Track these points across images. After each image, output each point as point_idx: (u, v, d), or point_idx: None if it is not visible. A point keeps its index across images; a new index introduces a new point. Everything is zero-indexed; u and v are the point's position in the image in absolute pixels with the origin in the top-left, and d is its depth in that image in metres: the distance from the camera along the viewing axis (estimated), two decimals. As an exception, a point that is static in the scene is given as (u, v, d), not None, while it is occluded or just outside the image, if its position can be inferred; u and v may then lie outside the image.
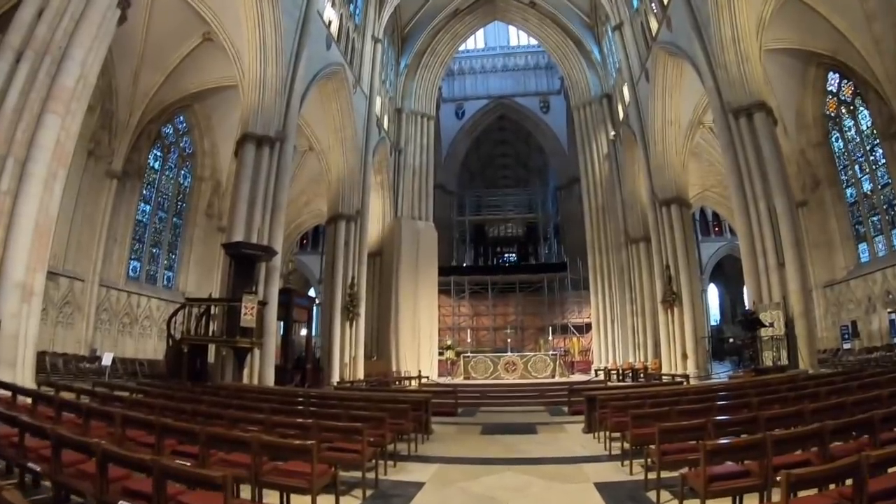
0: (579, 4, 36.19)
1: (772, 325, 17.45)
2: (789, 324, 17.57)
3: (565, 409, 15.81)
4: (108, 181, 24.59)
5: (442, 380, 26.62)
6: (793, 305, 17.73)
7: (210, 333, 17.56)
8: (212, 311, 17.91)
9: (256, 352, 18.31)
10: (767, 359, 17.40)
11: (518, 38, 51.75)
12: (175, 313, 18.12)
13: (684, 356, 24.98)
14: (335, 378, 24.98)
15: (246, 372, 18.07)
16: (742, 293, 48.95)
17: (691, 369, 24.19)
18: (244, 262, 18.15)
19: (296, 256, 44.63)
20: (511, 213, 49.81)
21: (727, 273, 47.70)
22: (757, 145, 19.11)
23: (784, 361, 17.13)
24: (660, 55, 26.01)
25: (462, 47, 49.12)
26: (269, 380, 18.74)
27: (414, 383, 24.43)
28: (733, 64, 20.07)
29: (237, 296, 17.09)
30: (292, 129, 21.33)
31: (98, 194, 24.20)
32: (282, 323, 21.94)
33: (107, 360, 19.96)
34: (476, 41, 51.90)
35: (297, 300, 23.06)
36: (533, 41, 48.75)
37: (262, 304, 18.07)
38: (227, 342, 17.07)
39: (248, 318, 16.88)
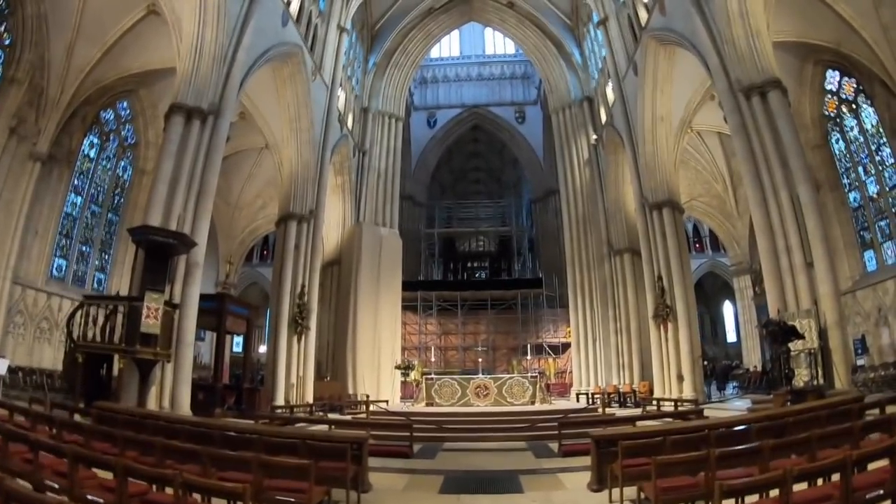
0: (559, 5, 32.67)
1: (803, 336, 13.60)
2: (822, 335, 13.84)
3: (553, 445, 11.48)
4: (30, 164, 20.67)
5: (404, 405, 22.06)
6: (825, 313, 14.09)
7: (115, 340, 13.24)
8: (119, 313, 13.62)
9: (168, 366, 14.11)
10: (800, 378, 13.49)
11: (494, 46, 48.82)
12: (73, 314, 13.82)
13: (680, 378, 20.96)
14: (279, 400, 20.66)
15: (155, 391, 13.85)
16: (722, 313, 46.05)
17: (688, 393, 20.25)
18: (156, 252, 13.90)
19: (255, 269, 40.31)
20: (483, 227, 45.45)
21: (707, 292, 44.30)
22: (774, 127, 15.80)
23: (820, 380, 13.30)
24: (650, 45, 22.72)
25: (436, 55, 46.62)
26: (184, 402, 14.46)
27: (372, 408, 20.02)
28: (742, 39, 16.77)
29: (142, 294, 12.94)
30: (230, 103, 17.29)
31: (18, 178, 20.28)
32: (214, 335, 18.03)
33: (1, 368, 15.64)
34: (451, 49, 48.92)
35: (231, 308, 18.74)
36: (509, 50, 46.73)
37: (173, 306, 13.84)
38: (125, 351, 12.75)
39: (150, 322, 12.73)
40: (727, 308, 45.29)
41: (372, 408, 19.22)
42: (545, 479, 8.29)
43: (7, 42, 20.16)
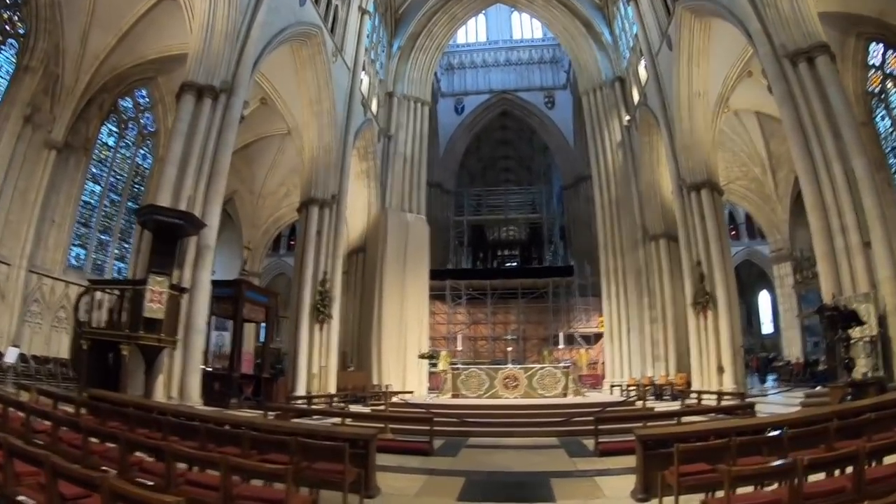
0: (588, -17, 31.23)
1: (865, 322, 12.18)
2: (882, 322, 12.40)
3: (588, 442, 10.22)
4: (45, 152, 20.38)
5: (429, 397, 20.92)
6: (884, 297, 12.59)
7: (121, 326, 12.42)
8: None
9: (177, 354, 13.24)
10: (860, 369, 12.08)
11: (521, 31, 47.38)
12: (79, 299, 13.09)
13: (720, 370, 19.52)
14: (301, 390, 19.78)
15: (163, 379, 12.99)
16: (758, 303, 44.25)
17: (728, 385, 18.85)
18: (163, 234, 13.11)
19: (281, 259, 39.56)
20: (513, 214, 43.80)
21: (742, 281, 42.46)
22: (823, 95, 14.38)
23: (880, 371, 11.92)
24: (685, 17, 21.23)
25: (462, 40, 45.74)
26: (193, 391, 13.60)
27: (394, 400, 18.87)
28: (785, 1, 15.38)
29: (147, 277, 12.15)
30: (244, 80, 16.52)
31: (33, 167, 20.02)
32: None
33: (10, 356, 15.88)
34: (477, 34, 47.68)
35: (249, 294, 17.86)
36: (537, 34, 45.52)
37: (180, 290, 12.94)
38: (128, 338, 11.88)
39: (154, 306, 11.93)
40: (763, 298, 43.76)
41: (395, 399, 18.20)
42: (581, 484, 7.06)
43: (21, 31, 19.99)
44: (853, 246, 13.35)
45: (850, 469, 4.55)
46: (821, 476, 4.92)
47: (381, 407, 15.01)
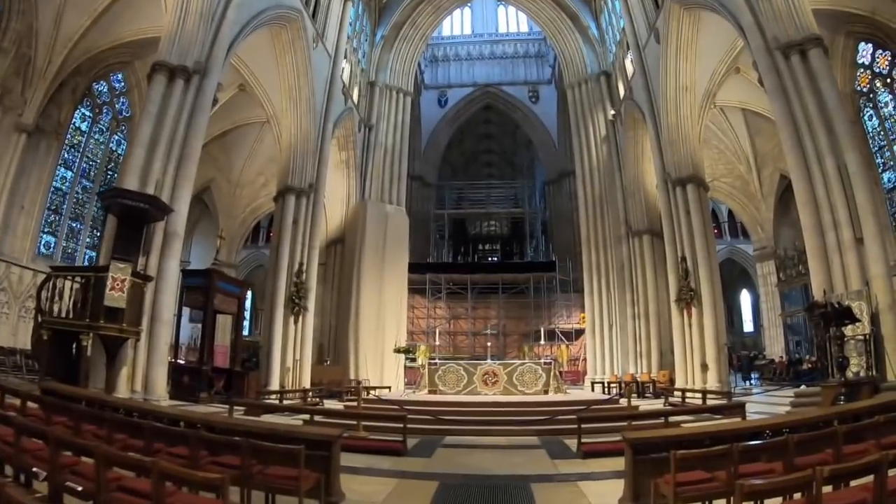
0: (575, -24, 30.73)
1: (859, 319, 11.78)
2: (874, 319, 12.03)
3: (570, 442, 9.67)
4: (15, 136, 19.56)
5: (405, 393, 20.27)
6: (877, 295, 12.20)
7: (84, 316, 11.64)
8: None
9: (141, 346, 12.53)
10: (851, 368, 11.67)
11: (507, 24, 47.01)
12: (41, 287, 12.27)
13: (704, 367, 19.16)
14: (274, 384, 19.14)
15: (126, 372, 12.27)
16: (739, 302, 44.14)
17: (712, 383, 18.51)
18: (128, 219, 12.43)
19: (260, 250, 38.61)
20: (495, 208, 43.51)
21: (724, 280, 42.09)
22: (816, 89, 13.99)
23: (873, 371, 11.53)
24: (673, 10, 20.82)
25: (447, 33, 45.30)
26: (158, 386, 12.89)
27: (371, 395, 18.22)
28: (777, -7, 14.93)
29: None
30: (218, 62, 15.79)
31: (2, 151, 19.27)
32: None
33: None
34: (462, 27, 47.18)
35: (221, 285, 17.18)
36: (523, 28, 45.23)
37: (144, 278, 12.23)
38: (88, 327, 11.17)
39: (115, 294, 11.20)
40: (744, 297, 43.80)
41: (372, 394, 17.59)
42: (563, 490, 6.47)
43: (-6, 12, 19.25)
44: (845, 242, 12.96)
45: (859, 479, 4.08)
46: (828, 487, 4.42)
47: (355, 403, 14.39)
